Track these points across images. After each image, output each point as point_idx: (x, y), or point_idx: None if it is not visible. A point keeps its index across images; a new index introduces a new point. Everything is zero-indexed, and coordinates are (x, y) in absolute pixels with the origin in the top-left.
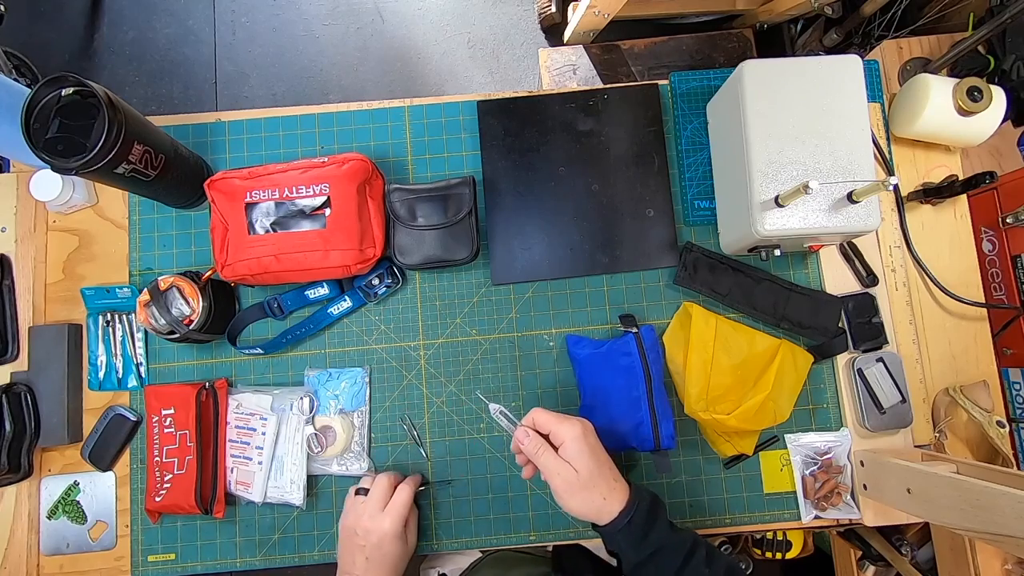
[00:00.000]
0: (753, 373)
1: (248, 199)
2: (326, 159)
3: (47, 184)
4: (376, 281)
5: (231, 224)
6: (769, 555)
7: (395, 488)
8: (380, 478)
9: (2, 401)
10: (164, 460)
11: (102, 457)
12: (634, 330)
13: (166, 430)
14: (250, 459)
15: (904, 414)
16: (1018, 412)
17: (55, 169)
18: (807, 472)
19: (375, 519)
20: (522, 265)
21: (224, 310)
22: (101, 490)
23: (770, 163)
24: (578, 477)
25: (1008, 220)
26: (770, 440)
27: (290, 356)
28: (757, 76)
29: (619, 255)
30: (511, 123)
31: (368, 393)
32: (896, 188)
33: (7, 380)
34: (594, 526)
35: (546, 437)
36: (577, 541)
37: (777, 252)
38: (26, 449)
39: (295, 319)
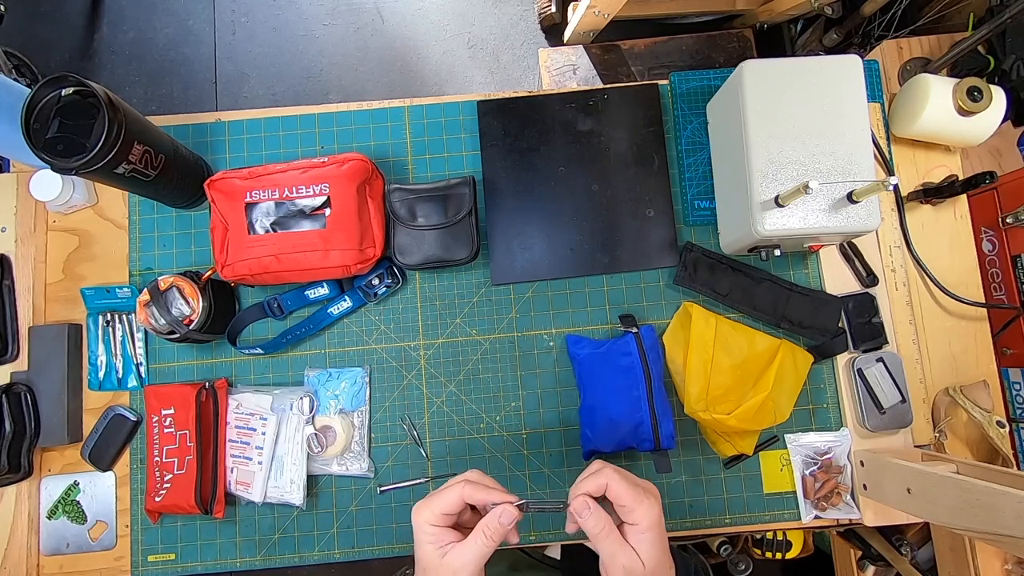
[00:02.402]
0: (753, 373)
1: (248, 199)
2: (326, 159)
3: (47, 184)
4: (376, 281)
5: (231, 224)
6: (769, 555)
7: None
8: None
9: (2, 401)
10: (164, 460)
11: (102, 457)
12: (634, 330)
13: (166, 430)
14: (250, 459)
15: (904, 414)
16: (1018, 412)
17: (55, 169)
18: (807, 472)
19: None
20: (522, 265)
21: (224, 310)
22: (101, 490)
23: (770, 163)
24: (644, 571)
25: (1008, 220)
26: (770, 440)
27: (290, 356)
28: (757, 76)
29: (619, 255)
30: (511, 123)
31: (368, 393)
32: (896, 188)
33: (7, 380)
34: None
35: (600, 499)
36: (580, 542)
37: (777, 252)
38: (26, 449)
39: (295, 319)
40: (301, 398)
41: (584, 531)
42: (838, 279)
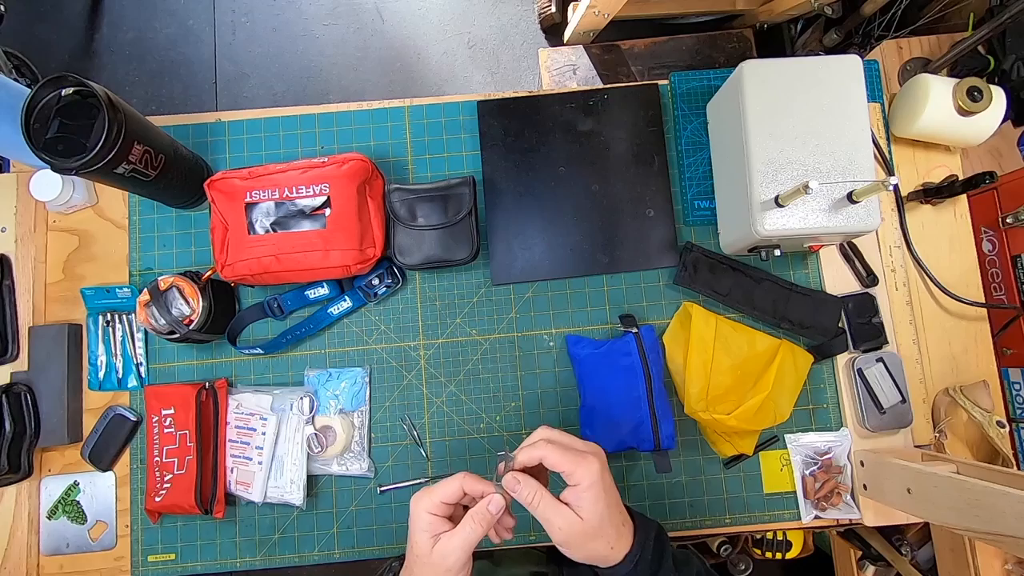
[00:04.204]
0: (753, 373)
1: (248, 199)
2: (326, 159)
3: (47, 184)
4: (376, 281)
5: (231, 224)
6: (769, 555)
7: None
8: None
9: (2, 401)
10: (164, 460)
11: (102, 457)
12: (634, 330)
13: (166, 430)
14: (250, 459)
15: (904, 414)
16: (1018, 412)
17: (55, 169)
18: (807, 472)
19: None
20: (522, 265)
21: (224, 310)
22: (101, 490)
23: (770, 163)
24: (583, 527)
25: (1008, 220)
26: (770, 440)
27: (290, 356)
28: (757, 76)
29: (619, 255)
30: (511, 123)
31: (368, 393)
32: (896, 188)
33: (7, 380)
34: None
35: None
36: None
37: (777, 252)
38: (26, 449)
39: (295, 319)
40: (301, 398)
41: (524, 505)
42: (838, 279)
